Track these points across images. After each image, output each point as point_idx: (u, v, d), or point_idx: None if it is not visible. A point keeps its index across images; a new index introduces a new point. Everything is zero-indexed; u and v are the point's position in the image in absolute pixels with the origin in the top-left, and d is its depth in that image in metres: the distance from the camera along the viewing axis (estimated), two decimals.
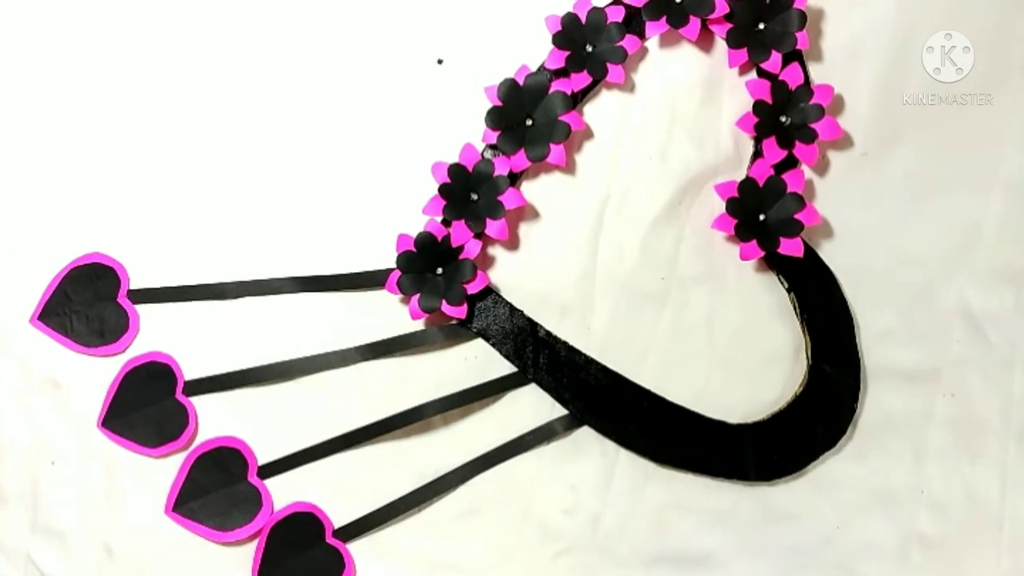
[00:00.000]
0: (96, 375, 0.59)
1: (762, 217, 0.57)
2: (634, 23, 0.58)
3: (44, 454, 0.59)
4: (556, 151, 0.57)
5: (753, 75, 0.58)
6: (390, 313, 0.59)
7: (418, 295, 0.57)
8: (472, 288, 0.57)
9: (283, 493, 0.58)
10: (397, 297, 0.58)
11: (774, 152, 0.57)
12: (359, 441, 0.58)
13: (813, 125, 0.57)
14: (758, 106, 0.57)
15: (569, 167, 0.59)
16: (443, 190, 0.57)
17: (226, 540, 0.57)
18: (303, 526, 0.58)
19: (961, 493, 0.58)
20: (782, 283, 0.58)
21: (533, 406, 0.58)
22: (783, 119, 0.57)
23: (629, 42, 0.58)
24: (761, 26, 0.57)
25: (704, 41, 0.59)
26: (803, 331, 0.58)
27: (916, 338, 0.58)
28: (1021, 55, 0.58)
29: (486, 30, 0.59)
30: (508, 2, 0.59)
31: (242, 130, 0.60)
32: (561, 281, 0.59)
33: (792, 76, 0.57)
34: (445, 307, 0.57)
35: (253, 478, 0.58)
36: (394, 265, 0.57)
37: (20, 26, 0.61)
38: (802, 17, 0.56)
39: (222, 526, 0.57)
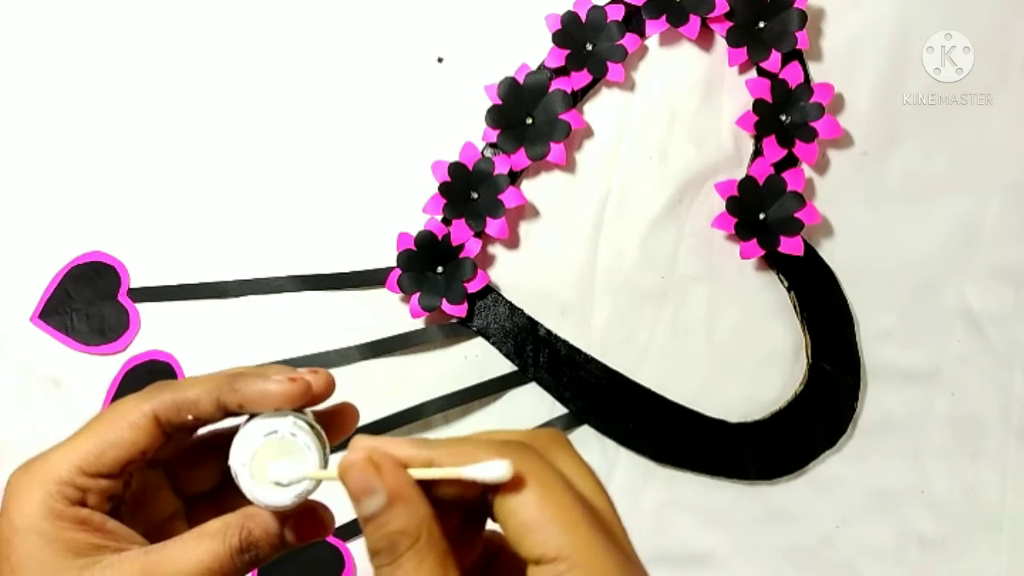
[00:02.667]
0: (97, 373, 0.59)
1: (762, 216, 0.57)
2: (634, 21, 0.58)
3: None
4: (556, 150, 0.57)
5: (753, 74, 0.58)
6: (390, 312, 0.59)
7: (418, 294, 0.57)
8: (472, 287, 0.57)
9: None
10: (397, 296, 0.58)
11: (774, 151, 0.57)
12: None
13: (813, 124, 0.57)
14: (758, 105, 0.57)
15: (569, 166, 0.59)
16: (443, 188, 0.58)
17: None
18: None
19: (961, 493, 0.58)
20: (782, 282, 0.58)
21: (533, 405, 0.58)
22: (783, 118, 0.57)
23: (629, 40, 0.58)
24: (761, 25, 0.57)
25: (704, 40, 0.59)
26: (803, 330, 0.58)
27: (916, 338, 0.58)
28: (1021, 55, 0.58)
29: (486, 28, 0.60)
30: (508, 1, 0.60)
31: (242, 128, 0.60)
32: (561, 280, 0.59)
33: (792, 75, 0.57)
34: (445, 306, 0.57)
35: None
36: (394, 263, 0.58)
37: (20, 25, 0.61)
38: (802, 16, 0.56)
39: None
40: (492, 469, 0.24)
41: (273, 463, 0.30)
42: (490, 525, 0.28)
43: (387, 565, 0.25)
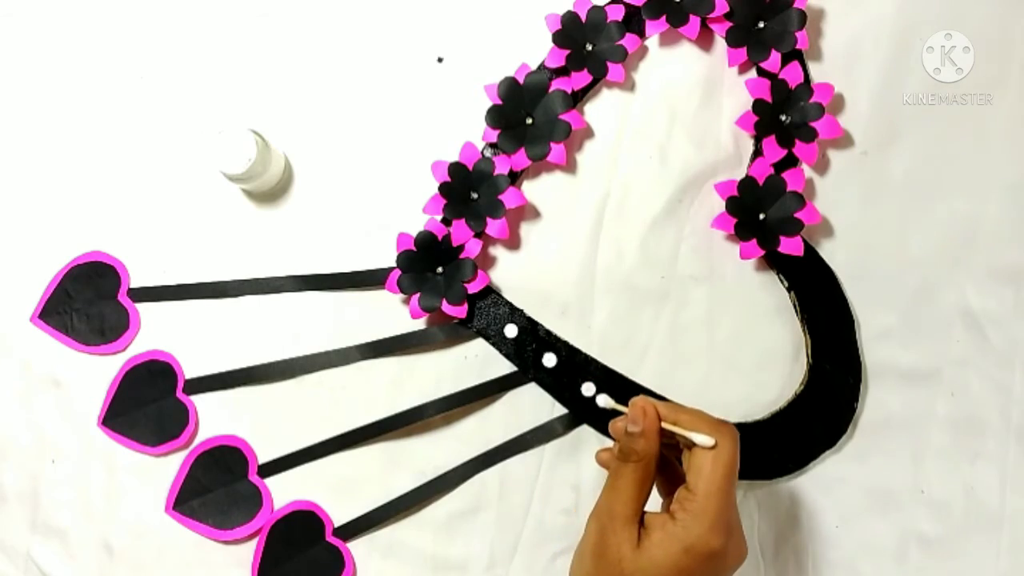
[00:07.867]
0: (96, 373, 0.59)
1: (762, 216, 0.57)
2: (634, 22, 0.58)
3: (44, 453, 0.59)
4: (556, 150, 0.57)
5: (753, 74, 0.58)
6: (390, 312, 0.59)
7: (418, 294, 0.57)
8: (472, 287, 0.57)
9: (283, 491, 0.58)
10: (397, 296, 0.58)
11: (774, 151, 0.57)
12: (359, 440, 0.58)
13: (813, 124, 0.57)
14: (758, 105, 0.57)
15: (569, 166, 0.59)
16: (443, 189, 0.58)
17: (226, 539, 0.57)
18: (303, 524, 0.58)
19: (961, 493, 0.58)
20: (782, 282, 0.58)
21: (533, 405, 0.58)
22: (783, 118, 0.57)
23: (629, 41, 0.58)
24: (761, 25, 0.57)
25: (704, 40, 0.59)
26: (803, 330, 0.58)
27: (916, 338, 0.58)
28: (1021, 55, 0.58)
29: (486, 28, 0.60)
30: (508, 1, 0.60)
31: (242, 128, 0.60)
32: (561, 280, 0.59)
33: (792, 75, 0.57)
34: (445, 306, 0.57)
35: (253, 477, 0.58)
36: (394, 264, 0.58)
37: (20, 25, 0.61)
38: (802, 16, 0.57)
39: (222, 524, 0.57)
40: (705, 439, 0.41)
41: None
42: None
43: (619, 461, 0.43)
